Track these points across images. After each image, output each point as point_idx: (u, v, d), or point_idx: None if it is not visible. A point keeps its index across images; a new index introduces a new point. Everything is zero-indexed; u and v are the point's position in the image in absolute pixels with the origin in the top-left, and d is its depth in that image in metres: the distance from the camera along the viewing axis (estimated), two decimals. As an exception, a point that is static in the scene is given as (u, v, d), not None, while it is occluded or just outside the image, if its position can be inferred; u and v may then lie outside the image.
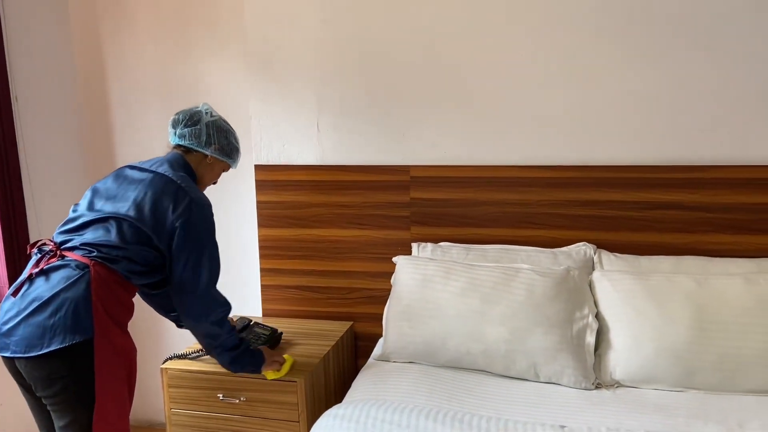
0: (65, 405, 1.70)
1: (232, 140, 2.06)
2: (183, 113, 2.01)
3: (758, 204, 2.17)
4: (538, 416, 1.79)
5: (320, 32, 2.43)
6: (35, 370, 1.67)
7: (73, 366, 1.67)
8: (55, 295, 1.68)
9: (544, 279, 2.06)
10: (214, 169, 2.05)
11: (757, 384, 1.87)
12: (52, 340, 1.65)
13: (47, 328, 1.65)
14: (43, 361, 1.66)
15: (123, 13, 2.68)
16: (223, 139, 2.02)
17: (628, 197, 2.26)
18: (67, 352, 1.65)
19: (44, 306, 1.67)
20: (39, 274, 1.72)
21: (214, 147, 2.01)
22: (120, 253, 1.77)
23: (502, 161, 2.35)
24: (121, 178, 1.92)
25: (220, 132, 2.02)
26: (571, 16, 2.22)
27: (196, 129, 1.98)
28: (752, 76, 2.13)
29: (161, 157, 2.00)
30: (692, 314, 1.93)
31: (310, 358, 2.20)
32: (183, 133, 1.98)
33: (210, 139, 1.99)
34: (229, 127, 2.06)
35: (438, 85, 2.36)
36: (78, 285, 1.69)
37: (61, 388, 1.68)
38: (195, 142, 1.98)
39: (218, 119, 2.04)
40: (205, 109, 2.03)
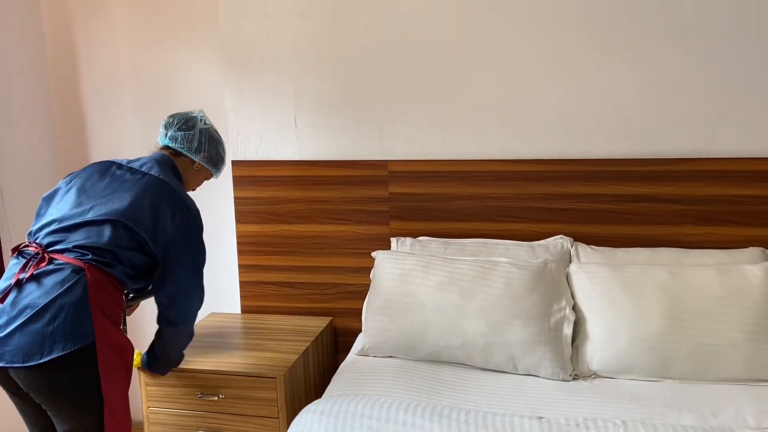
0: (69, 410, 1.67)
1: (221, 151, 2.08)
2: (178, 116, 2.01)
3: (730, 196, 2.20)
4: (517, 408, 1.80)
5: (298, 26, 2.41)
6: (36, 379, 1.62)
7: (76, 372, 1.63)
8: (52, 301, 1.62)
9: (521, 272, 2.08)
10: (198, 176, 2.07)
11: (729, 373, 1.90)
12: (52, 348, 1.59)
13: (46, 336, 1.59)
14: (43, 369, 1.60)
15: (96, 5, 2.63)
16: (213, 149, 2.04)
17: (604, 190, 2.28)
18: (68, 359, 1.61)
19: (41, 313, 1.61)
20: (29, 279, 1.65)
21: (204, 155, 2.02)
22: (114, 257, 1.74)
23: (480, 155, 2.36)
24: (110, 177, 1.85)
25: (212, 141, 2.03)
26: (550, 11, 2.23)
27: (189, 134, 1.98)
28: (725, 70, 2.17)
29: (148, 156, 1.96)
30: (667, 305, 1.96)
31: (290, 354, 2.19)
32: (175, 135, 1.98)
33: (201, 146, 2.00)
34: (220, 138, 2.09)
35: (416, 80, 2.36)
36: (75, 290, 1.64)
37: (65, 394, 1.64)
38: (186, 146, 1.98)
39: (211, 128, 2.05)
40: (200, 116, 2.04)
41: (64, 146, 2.79)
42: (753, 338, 1.90)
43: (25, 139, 2.63)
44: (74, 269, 1.67)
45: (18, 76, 2.59)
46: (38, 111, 2.70)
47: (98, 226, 1.75)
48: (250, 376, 2.06)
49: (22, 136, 2.62)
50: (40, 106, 2.70)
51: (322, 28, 2.40)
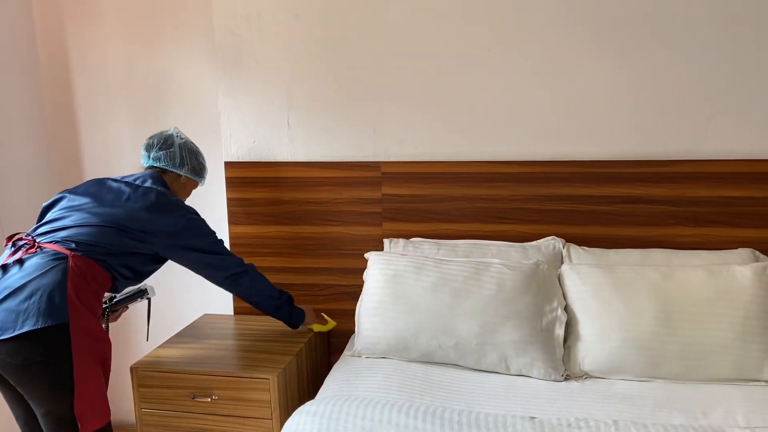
0: (43, 391, 1.71)
1: (202, 161, 2.23)
2: (156, 137, 2.16)
3: (720, 197, 2.22)
4: (509, 408, 1.81)
5: (291, 28, 2.41)
6: (9, 356, 1.67)
7: (48, 350, 1.68)
8: (29, 282, 1.71)
9: (513, 273, 2.09)
10: (186, 187, 2.22)
11: (719, 373, 1.92)
12: (24, 323, 1.67)
13: (20, 312, 1.68)
14: (17, 344, 1.66)
15: (88, 8, 2.62)
16: (194, 160, 2.19)
17: (596, 192, 2.30)
18: (40, 335, 1.67)
19: (17, 292, 1.70)
20: (14, 264, 1.77)
21: (187, 167, 2.17)
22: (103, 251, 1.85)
23: (473, 157, 2.37)
24: (107, 188, 2.01)
25: (192, 153, 2.19)
26: (541, 14, 2.25)
27: (170, 151, 2.13)
28: (715, 73, 2.19)
29: (139, 174, 2.11)
30: (657, 306, 1.97)
31: (283, 355, 2.19)
32: (158, 156, 2.13)
33: (183, 160, 2.15)
34: (198, 149, 2.23)
35: (409, 82, 2.37)
36: (53, 272, 1.74)
37: (37, 373, 1.68)
38: (170, 163, 2.14)
39: (188, 141, 2.20)
40: (176, 133, 2.18)
41: (57, 148, 2.78)
42: (742, 338, 1.92)
43: (17, 141, 2.62)
44: (57, 255, 1.77)
45: (10, 78, 2.58)
46: (30, 113, 2.68)
47: (92, 227, 1.87)
48: (243, 378, 2.06)
49: (15, 138, 2.61)
50: (32, 108, 2.69)
51: (315, 30, 2.40)
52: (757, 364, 1.91)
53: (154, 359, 2.19)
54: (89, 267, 1.81)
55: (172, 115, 2.62)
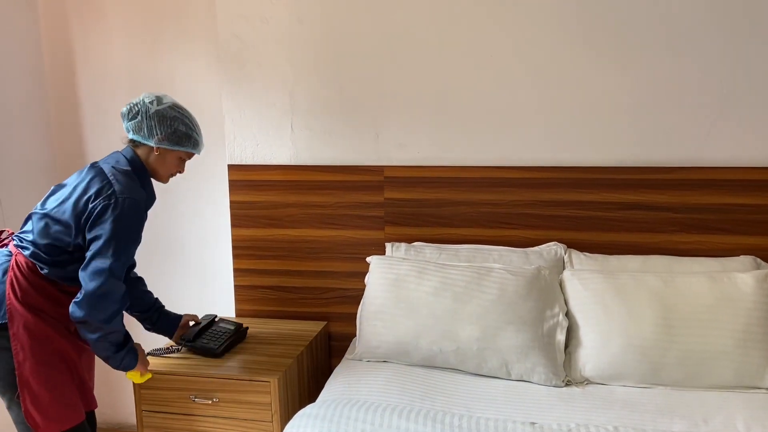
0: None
1: (180, 127, 1.93)
2: (128, 106, 1.94)
3: (722, 204, 2.22)
4: (510, 413, 1.81)
5: (294, 31, 2.42)
6: None
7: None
8: None
9: (515, 278, 2.09)
10: (165, 160, 1.96)
11: (720, 380, 1.92)
12: None
13: None
14: None
15: (93, 8, 2.64)
16: (167, 128, 1.90)
17: (597, 198, 2.30)
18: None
19: None
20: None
21: (158, 138, 1.91)
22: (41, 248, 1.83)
23: (475, 162, 2.37)
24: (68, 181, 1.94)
25: (164, 121, 1.90)
26: (544, 20, 2.25)
27: (136, 122, 1.91)
28: (717, 79, 2.19)
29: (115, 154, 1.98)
30: (658, 312, 1.98)
31: (284, 358, 2.19)
32: (128, 126, 1.93)
33: (152, 130, 1.90)
34: (178, 114, 1.93)
35: (412, 86, 2.38)
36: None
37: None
38: (139, 135, 1.92)
39: (164, 108, 1.92)
40: (148, 100, 1.92)
41: (60, 149, 2.79)
42: (743, 345, 1.92)
43: (21, 141, 2.63)
44: (5, 253, 1.84)
45: (15, 78, 2.59)
46: (35, 113, 2.69)
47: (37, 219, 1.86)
48: (244, 380, 2.07)
49: (19, 138, 2.62)
50: (36, 108, 2.70)
51: (318, 34, 2.41)
52: (757, 372, 1.91)
53: (155, 362, 2.19)
54: (34, 266, 1.82)
55: (176, 117, 2.63)
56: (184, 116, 1.96)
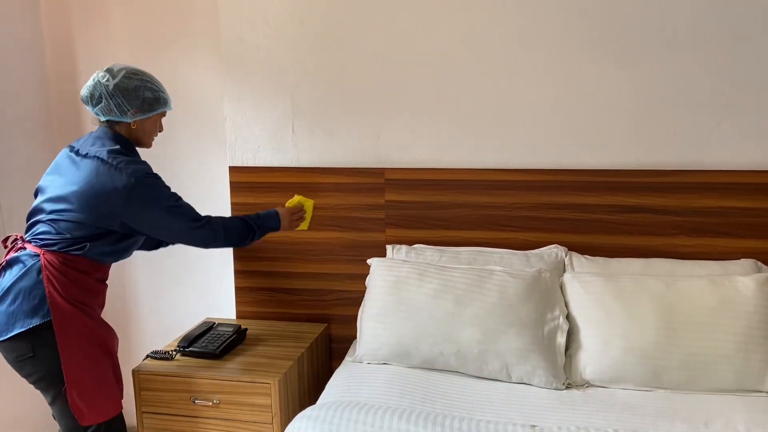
0: (42, 383, 1.85)
1: (147, 94, 1.91)
2: (85, 91, 1.90)
3: (723, 208, 2.22)
4: (510, 416, 1.81)
5: (296, 33, 2.43)
6: (6, 353, 1.84)
7: (37, 347, 1.80)
8: (12, 285, 1.82)
9: (516, 281, 2.09)
10: (145, 127, 1.97)
11: (721, 383, 1.92)
12: (14, 325, 1.79)
13: (10, 315, 1.80)
14: (11, 344, 1.81)
15: (95, 10, 2.64)
16: (134, 99, 1.88)
17: (599, 201, 2.30)
18: (29, 335, 1.79)
19: (5, 295, 1.82)
20: (5, 266, 1.87)
21: (131, 112, 1.90)
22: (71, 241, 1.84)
23: (476, 164, 2.38)
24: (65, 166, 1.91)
25: (128, 94, 1.87)
26: (546, 23, 2.26)
27: (102, 105, 1.88)
28: (718, 83, 2.19)
29: (91, 134, 1.95)
30: (660, 315, 1.97)
31: (284, 360, 2.19)
32: (97, 111, 1.92)
33: (121, 107, 1.88)
34: (138, 81, 1.90)
35: (413, 89, 2.38)
36: (30, 274, 1.81)
37: (32, 368, 1.82)
38: (111, 116, 1.90)
39: (121, 81, 1.87)
40: (103, 80, 1.87)
41: (62, 150, 2.80)
42: (744, 349, 1.91)
43: (23, 144, 2.63)
44: (32, 255, 1.84)
45: (17, 81, 2.60)
46: (37, 116, 2.70)
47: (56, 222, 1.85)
48: (245, 382, 2.07)
49: (21, 141, 2.62)
50: (38, 110, 2.71)
51: (320, 36, 2.42)
52: (758, 375, 1.91)
53: (156, 363, 2.19)
54: (65, 260, 1.83)
55: (177, 119, 2.63)
56: (145, 80, 1.93)
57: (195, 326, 2.42)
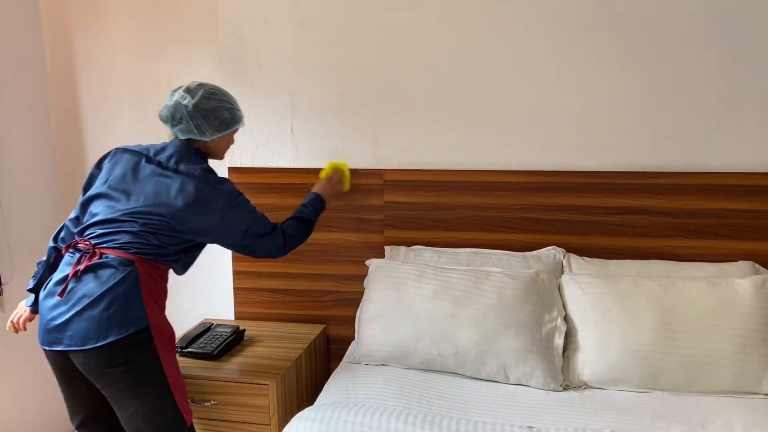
0: (127, 392, 1.76)
1: (224, 112, 1.93)
2: (165, 111, 1.92)
3: (721, 209, 2.23)
4: (508, 417, 1.81)
5: (296, 35, 2.43)
6: (92, 360, 1.73)
7: (130, 354, 1.74)
8: (108, 290, 1.73)
9: (514, 282, 2.09)
10: (221, 144, 2.01)
11: (718, 385, 1.92)
12: (108, 333, 1.71)
13: (102, 321, 1.71)
14: (102, 351, 1.71)
15: (95, 11, 2.65)
16: (213, 120, 1.91)
17: (597, 202, 2.30)
18: (123, 343, 1.72)
19: (97, 301, 1.72)
20: (84, 272, 1.76)
21: (210, 131, 1.93)
22: (158, 250, 1.83)
23: (474, 166, 2.38)
24: (142, 172, 1.88)
25: (207, 115, 1.90)
26: (544, 25, 2.26)
27: (182, 126, 1.91)
28: (717, 85, 2.19)
29: (169, 145, 1.94)
30: (658, 317, 1.98)
31: (283, 361, 2.20)
32: (176, 131, 1.93)
33: (201, 128, 1.91)
34: (217, 101, 1.92)
35: (412, 90, 2.38)
36: (127, 280, 1.76)
37: (120, 376, 1.74)
38: (190, 135, 1.93)
39: (200, 101, 1.89)
40: (183, 101, 1.89)
41: (61, 152, 2.80)
42: (742, 351, 1.92)
43: (22, 144, 2.63)
44: (125, 262, 1.78)
45: (16, 82, 2.60)
46: (36, 117, 2.70)
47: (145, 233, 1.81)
48: (243, 383, 2.07)
49: (20, 141, 2.62)
50: (38, 110, 2.71)
51: (319, 38, 2.42)
52: (756, 377, 1.91)
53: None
54: (153, 267, 1.83)
55: (177, 120, 2.64)
56: (223, 100, 1.95)
57: (193, 327, 2.42)
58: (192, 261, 1.99)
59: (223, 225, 1.88)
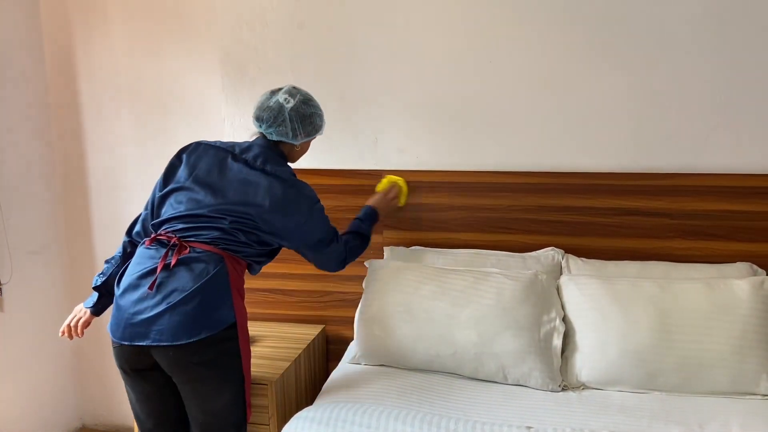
0: (211, 386, 1.77)
1: (316, 120, 2.00)
2: (267, 113, 1.94)
3: (719, 211, 2.23)
4: (506, 418, 1.82)
5: (295, 36, 2.44)
6: (182, 356, 1.72)
7: (219, 350, 1.75)
8: (201, 286, 1.73)
9: (513, 283, 2.10)
10: (303, 148, 2.06)
11: (716, 386, 1.93)
12: (201, 329, 1.71)
13: (197, 317, 1.71)
14: (191, 347, 1.71)
15: (95, 13, 2.65)
16: (308, 126, 1.97)
17: (596, 203, 2.31)
18: (213, 339, 1.73)
19: (191, 297, 1.71)
20: (175, 265, 1.75)
21: (302, 135, 1.97)
22: (244, 247, 1.84)
23: (473, 167, 2.39)
24: (228, 170, 1.89)
25: (305, 119, 1.96)
26: (543, 26, 2.27)
27: (282, 129, 1.94)
28: (715, 86, 2.20)
29: (255, 144, 1.96)
30: (656, 318, 1.98)
31: (282, 361, 2.20)
32: (270, 131, 1.96)
33: (296, 131, 1.95)
34: (313, 108, 1.99)
35: (411, 91, 2.39)
36: (218, 276, 1.76)
37: (210, 370, 1.75)
38: (284, 137, 1.96)
39: (299, 105, 1.95)
40: (284, 102, 1.94)
41: (61, 154, 2.80)
42: (739, 352, 1.92)
43: (22, 146, 2.64)
44: (216, 257, 1.78)
45: (16, 83, 2.60)
46: (35, 118, 2.70)
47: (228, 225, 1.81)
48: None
49: (20, 143, 2.62)
50: (37, 112, 2.71)
51: (318, 39, 2.43)
52: (753, 378, 1.91)
53: (154, 363, 2.20)
54: (238, 263, 1.84)
55: (176, 121, 2.65)
56: (316, 107, 2.01)
57: None
58: (267, 263, 2.00)
59: (302, 229, 1.91)
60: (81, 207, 2.82)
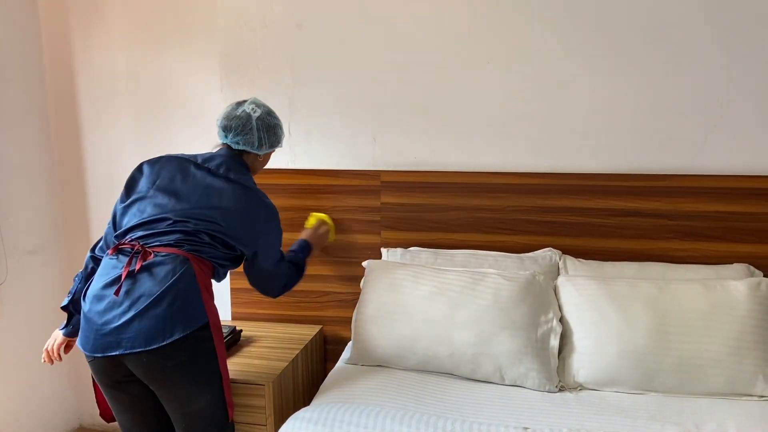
0: (189, 389, 1.76)
1: (279, 133, 2.06)
2: (235, 121, 1.97)
3: (716, 212, 2.24)
4: (503, 418, 1.82)
5: (294, 36, 2.44)
6: (155, 360, 1.70)
7: (194, 350, 1.74)
8: (167, 288, 1.71)
9: (510, 283, 2.10)
10: (265, 160, 2.11)
11: (713, 387, 1.93)
12: (173, 331, 1.69)
13: (167, 320, 1.69)
14: (165, 351, 1.69)
15: (94, 11, 2.65)
16: (272, 136, 2.03)
17: (593, 204, 2.31)
18: (186, 340, 1.71)
19: (158, 300, 1.70)
20: (140, 271, 1.73)
21: (266, 146, 2.02)
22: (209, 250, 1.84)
23: (471, 167, 2.39)
24: (192, 177, 1.90)
25: (269, 129, 2.01)
26: (541, 28, 2.27)
27: (249, 137, 1.98)
28: (712, 88, 2.21)
29: (217, 154, 1.98)
30: (653, 319, 1.98)
31: (279, 361, 2.20)
32: (236, 140, 1.98)
33: (262, 141, 2.00)
34: (276, 120, 2.05)
35: (410, 92, 2.39)
36: (185, 277, 1.74)
37: (185, 372, 1.73)
38: (249, 146, 1.99)
39: (264, 116, 2.00)
40: (252, 111, 1.99)
41: (60, 153, 2.80)
42: (736, 353, 1.92)
43: (20, 145, 2.64)
44: (181, 258, 1.76)
45: (14, 82, 2.60)
46: (34, 118, 2.70)
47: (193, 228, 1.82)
48: (239, 383, 2.07)
49: (18, 142, 2.62)
50: (36, 113, 2.71)
51: (317, 39, 2.43)
52: (750, 379, 1.92)
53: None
54: (204, 264, 1.83)
55: (175, 121, 2.65)
56: (279, 120, 2.07)
57: None
58: (232, 269, 1.99)
59: (262, 238, 1.93)
60: (79, 207, 2.82)
